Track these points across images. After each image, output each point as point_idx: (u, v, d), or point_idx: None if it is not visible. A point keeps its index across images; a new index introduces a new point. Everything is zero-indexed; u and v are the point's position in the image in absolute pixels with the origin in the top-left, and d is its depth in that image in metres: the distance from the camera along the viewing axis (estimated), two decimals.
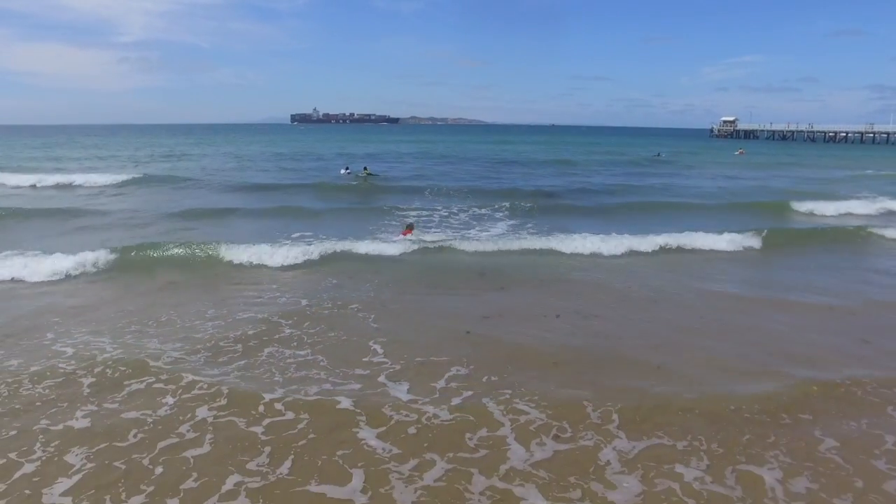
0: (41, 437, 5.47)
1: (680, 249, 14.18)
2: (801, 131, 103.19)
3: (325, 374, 6.95)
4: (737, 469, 5.18)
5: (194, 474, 4.96)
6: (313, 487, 4.81)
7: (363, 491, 4.77)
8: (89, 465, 5.05)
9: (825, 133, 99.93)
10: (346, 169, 32.40)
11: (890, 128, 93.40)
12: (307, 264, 11.96)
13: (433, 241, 14.17)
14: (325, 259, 12.19)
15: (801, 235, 16.74)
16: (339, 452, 5.30)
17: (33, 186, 26.43)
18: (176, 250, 12.40)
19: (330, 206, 20.90)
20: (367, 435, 5.57)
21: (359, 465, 5.11)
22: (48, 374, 6.74)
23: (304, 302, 9.74)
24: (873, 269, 13.14)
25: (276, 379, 6.78)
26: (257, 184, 27.38)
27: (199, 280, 11.08)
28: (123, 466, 5.05)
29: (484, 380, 6.84)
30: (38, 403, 6.09)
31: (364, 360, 7.37)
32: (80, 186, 26.63)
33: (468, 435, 5.61)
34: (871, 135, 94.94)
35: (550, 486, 4.90)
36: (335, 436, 5.57)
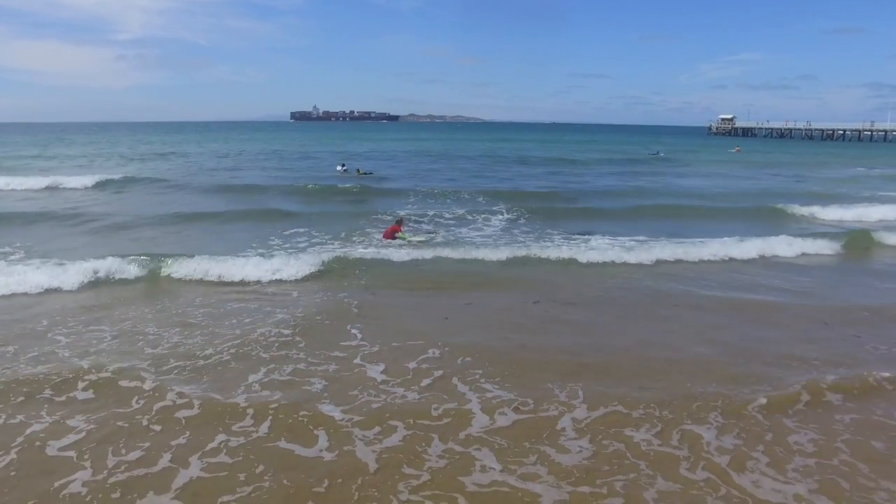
0: (46, 406, 6.01)
1: (676, 255, 13.51)
2: (799, 129, 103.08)
3: (304, 354, 7.47)
4: (682, 429, 5.71)
5: (187, 432, 5.56)
6: (283, 444, 5.41)
7: (329, 449, 5.34)
8: (90, 426, 5.62)
9: (823, 131, 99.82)
10: (343, 166, 32.90)
11: (888, 126, 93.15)
12: (297, 264, 11.78)
13: (423, 240, 14.50)
14: (316, 258, 12.19)
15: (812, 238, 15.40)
16: (308, 417, 5.87)
17: (11, 189, 24.12)
18: (165, 253, 12.13)
19: (322, 207, 20.76)
20: (333, 407, 6.08)
21: (319, 427, 5.71)
22: (44, 359, 7.20)
23: (294, 294, 10.24)
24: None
25: (263, 356, 7.33)
26: (249, 184, 26.55)
27: (190, 279, 11.15)
28: (126, 425, 5.65)
29: (458, 362, 7.28)
30: (40, 378, 6.60)
31: (343, 343, 7.87)
32: (61, 188, 24.66)
33: (434, 405, 6.11)
34: (869, 133, 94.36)
35: (506, 449, 5.37)
36: (307, 405, 6.10)
